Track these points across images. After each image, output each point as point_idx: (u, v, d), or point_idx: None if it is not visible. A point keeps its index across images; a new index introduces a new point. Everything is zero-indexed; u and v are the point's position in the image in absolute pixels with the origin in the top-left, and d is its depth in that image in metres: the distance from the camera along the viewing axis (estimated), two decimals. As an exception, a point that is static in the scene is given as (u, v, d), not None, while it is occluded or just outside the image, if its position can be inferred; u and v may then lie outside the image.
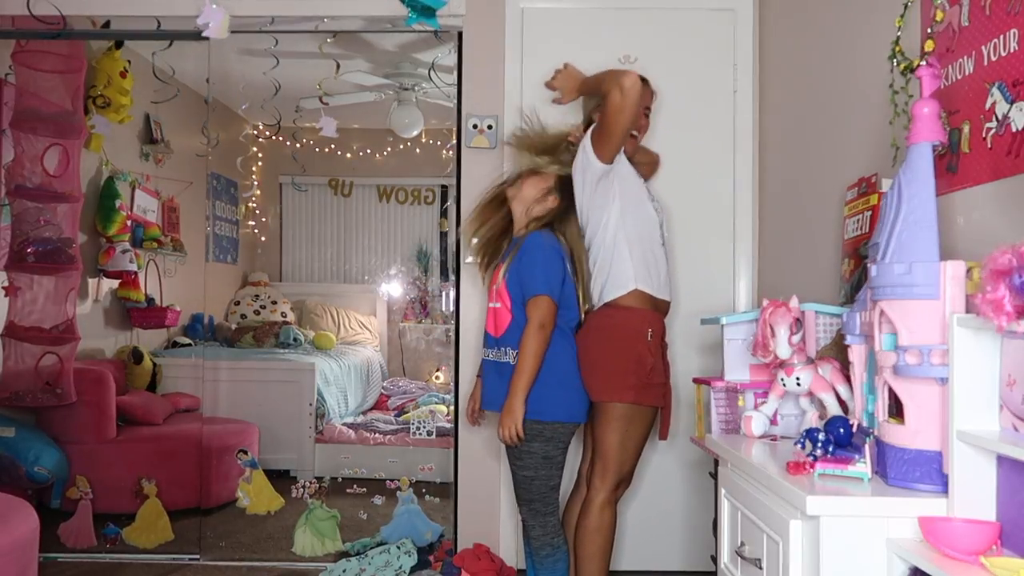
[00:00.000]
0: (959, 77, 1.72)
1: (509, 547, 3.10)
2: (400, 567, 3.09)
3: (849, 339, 1.70)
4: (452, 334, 3.21)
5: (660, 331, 2.43)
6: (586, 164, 2.41)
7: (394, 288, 5.36)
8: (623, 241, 2.40)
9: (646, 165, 2.80)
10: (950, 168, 1.74)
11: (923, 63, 1.68)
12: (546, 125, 2.63)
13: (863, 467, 1.47)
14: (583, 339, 2.42)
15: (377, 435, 4.36)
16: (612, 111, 2.30)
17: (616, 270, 2.40)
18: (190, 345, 4.64)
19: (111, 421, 3.72)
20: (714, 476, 2.32)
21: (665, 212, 2.58)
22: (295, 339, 4.89)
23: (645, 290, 2.39)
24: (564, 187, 2.51)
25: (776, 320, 1.88)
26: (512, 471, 2.41)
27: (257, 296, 5.17)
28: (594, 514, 2.37)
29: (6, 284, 3.50)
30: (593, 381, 2.39)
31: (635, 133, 2.56)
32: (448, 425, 3.64)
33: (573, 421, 2.39)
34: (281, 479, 3.83)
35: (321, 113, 3.72)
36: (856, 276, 2.05)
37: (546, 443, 2.34)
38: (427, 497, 3.47)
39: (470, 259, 2.90)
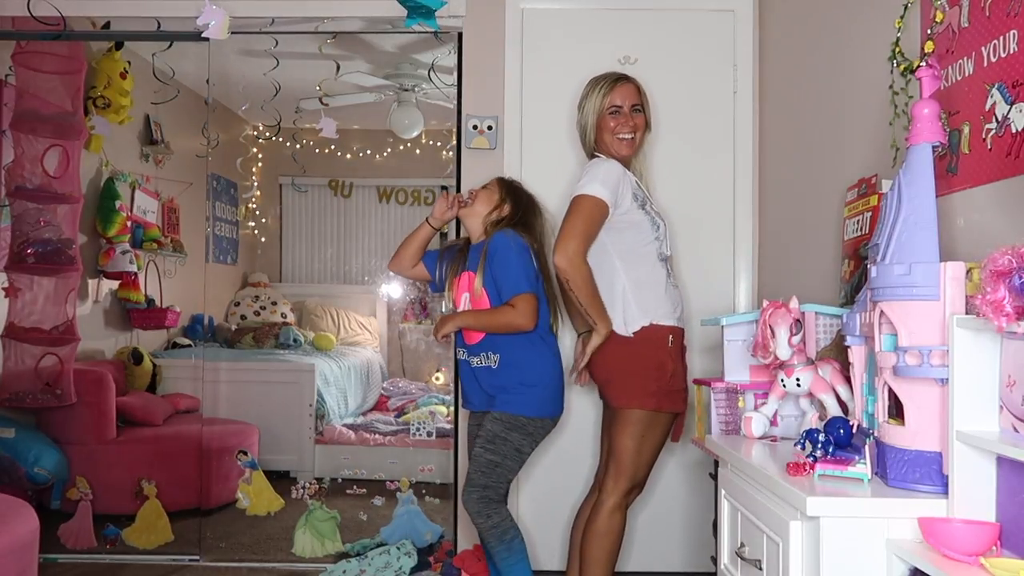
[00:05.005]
0: (959, 78, 1.72)
1: (509, 548, 3.09)
2: (400, 568, 3.09)
3: (849, 340, 1.70)
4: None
5: (680, 335, 2.41)
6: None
7: (394, 289, 5.34)
8: (631, 287, 2.36)
9: None
10: (950, 169, 1.74)
11: (923, 64, 1.68)
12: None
13: (863, 468, 1.47)
14: (602, 345, 2.34)
15: (377, 436, 4.35)
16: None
17: (629, 312, 2.35)
18: (190, 346, 4.64)
19: (111, 422, 3.72)
20: (714, 477, 2.32)
21: (666, 221, 2.47)
22: (295, 340, 4.89)
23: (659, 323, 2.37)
24: (512, 191, 2.58)
25: (776, 321, 1.88)
26: (475, 453, 2.40)
27: (257, 297, 5.17)
28: (603, 518, 2.34)
29: (6, 285, 3.50)
30: (613, 387, 2.35)
31: (630, 135, 2.41)
32: (448, 426, 3.64)
33: (556, 415, 2.47)
34: (281, 480, 3.83)
35: (321, 114, 3.73)
36: (856, 277, 2.05)
37: (524, 437, 2.41)
38: (427, 498, 3.47)
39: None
